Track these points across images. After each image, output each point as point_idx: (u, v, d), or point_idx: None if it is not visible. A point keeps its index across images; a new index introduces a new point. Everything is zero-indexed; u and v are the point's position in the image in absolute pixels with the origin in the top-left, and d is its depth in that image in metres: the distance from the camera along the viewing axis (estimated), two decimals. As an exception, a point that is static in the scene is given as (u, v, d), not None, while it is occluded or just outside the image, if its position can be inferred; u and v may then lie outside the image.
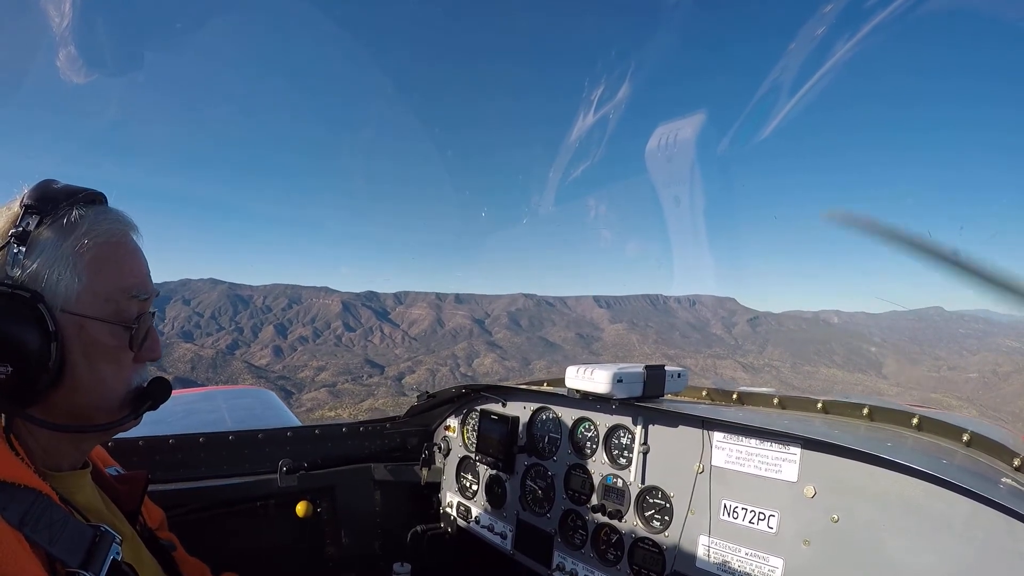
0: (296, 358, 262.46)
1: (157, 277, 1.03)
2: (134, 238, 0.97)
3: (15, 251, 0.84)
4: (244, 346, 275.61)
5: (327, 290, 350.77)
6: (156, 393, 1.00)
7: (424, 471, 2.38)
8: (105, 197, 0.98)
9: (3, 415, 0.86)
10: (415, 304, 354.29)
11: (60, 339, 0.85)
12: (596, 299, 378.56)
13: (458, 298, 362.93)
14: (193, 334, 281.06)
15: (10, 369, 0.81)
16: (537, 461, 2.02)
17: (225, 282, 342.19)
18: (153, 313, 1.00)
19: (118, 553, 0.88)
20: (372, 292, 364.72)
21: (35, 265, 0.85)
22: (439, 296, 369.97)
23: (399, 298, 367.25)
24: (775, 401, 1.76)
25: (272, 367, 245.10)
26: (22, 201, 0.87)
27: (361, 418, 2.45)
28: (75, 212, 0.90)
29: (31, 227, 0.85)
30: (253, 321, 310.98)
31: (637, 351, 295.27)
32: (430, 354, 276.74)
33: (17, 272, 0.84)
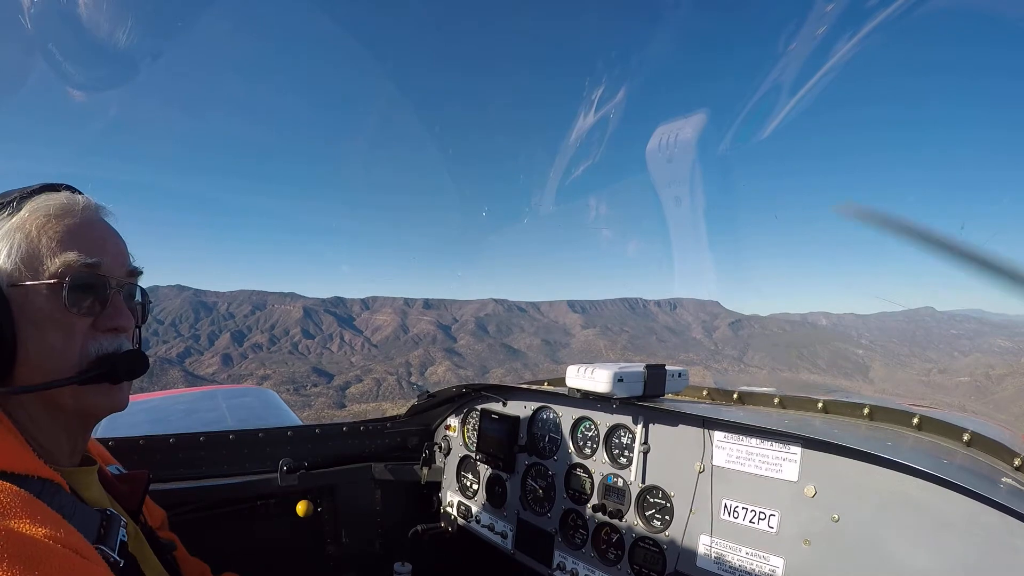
0: (245, 366, 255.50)
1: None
2: (93, 214, 0.96)
3: None
4: (196, 354, 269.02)
5: (293, 296, 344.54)
6: (121, 362, 0.94)
7: (424, 470, 2.38)
8: (73, 187, 0.98)
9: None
10: (381, 310, 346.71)
11: (9, 311, 0.85)
12: (570, 304, 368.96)
13: (427, 303, 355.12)
14: (149, 342, 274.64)
15: None
16: (538, 460, 2.03)
17: (190, 288, 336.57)
18: (123, 285, 0.98)
19: (123, 535, 0.90)
20: (339, 298, 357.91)
21: None
22: (407, 301, 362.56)
23: (366, 304, 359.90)
24: (776, 401, 1.78)
25: (217, 376, 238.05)
26: None
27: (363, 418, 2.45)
28: (24, 199, 0.91)
29: None
30: (212, 328, 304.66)
31: (603, 358, 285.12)
32: (386, 361, 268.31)
33: None
